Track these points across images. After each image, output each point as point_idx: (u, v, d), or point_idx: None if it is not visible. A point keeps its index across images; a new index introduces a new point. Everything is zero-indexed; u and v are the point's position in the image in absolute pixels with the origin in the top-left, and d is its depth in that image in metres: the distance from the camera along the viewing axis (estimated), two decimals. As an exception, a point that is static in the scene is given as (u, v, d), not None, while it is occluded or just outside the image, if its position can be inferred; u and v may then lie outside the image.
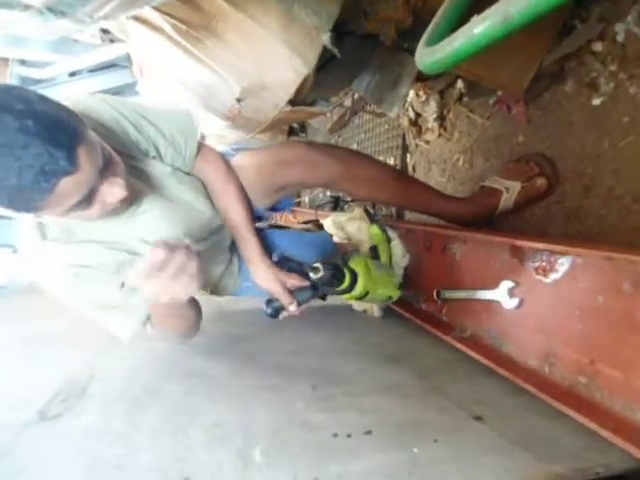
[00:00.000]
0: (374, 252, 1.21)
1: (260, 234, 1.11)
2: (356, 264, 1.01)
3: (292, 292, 1.00)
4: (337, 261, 0.99)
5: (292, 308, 0.98)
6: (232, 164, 1.10)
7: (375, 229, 1.28)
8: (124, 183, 0.80)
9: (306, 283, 1.00)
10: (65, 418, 0.77)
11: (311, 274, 0.93)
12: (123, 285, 0.91)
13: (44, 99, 0.71)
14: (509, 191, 1.17)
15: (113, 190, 0.79)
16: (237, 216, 1.06)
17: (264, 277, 1.03)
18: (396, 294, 1.13)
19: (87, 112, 0.86)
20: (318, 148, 1.12)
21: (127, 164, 0.86)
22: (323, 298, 1.06)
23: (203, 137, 1.04)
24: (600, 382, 0.68)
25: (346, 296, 1.01)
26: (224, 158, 1.08)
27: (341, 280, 0.97)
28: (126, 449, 0.69)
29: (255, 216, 1.17)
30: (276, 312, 1.00)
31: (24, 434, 0.72)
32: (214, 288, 1.17)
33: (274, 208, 1.24)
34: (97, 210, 0.80)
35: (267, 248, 1.08)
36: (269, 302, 1.01)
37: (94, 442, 0.71)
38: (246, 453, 0.67)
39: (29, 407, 0.80)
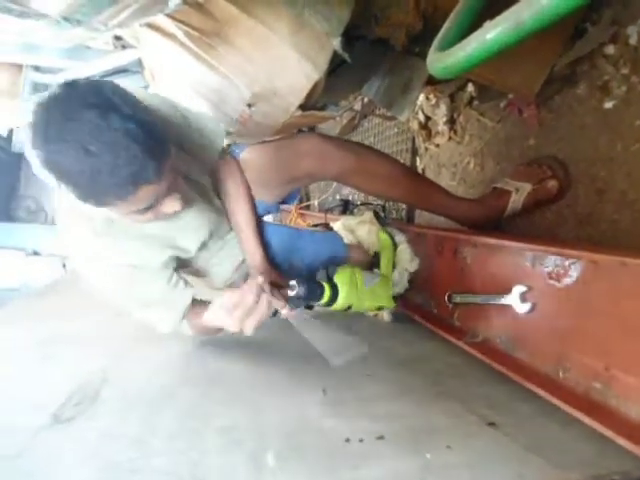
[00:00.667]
0: (375, 259, 1.22)
1: (263, 231, 1.15)
2: (341, 278, 1.03)
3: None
4: (321, 275, 1.03)
5: (284, 312, 1.00)
6: (241, 158, 1.11)
7: (382, 234, 1.28)
8: (182, 197, 0.86)
9: (292, 282, 1.01)
10: (79, 421, 0.78)
11: (288, 291, 0.97)
12: (171, 280, 1.00)
13: (144, 107, 0.76)
14: (518, 192, 1.16)
15: (173, 203, 0.84)
16: (245, 220, 1.10)
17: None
18: (389, 305, 1.15)
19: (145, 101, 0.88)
20: (331, 140, 1.13)
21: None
22: (310, 308, 1.07)
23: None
24: (615, 388, 0.67)
25: (331, 307, 1.04)
26: (238, 162, 1.10)
27: (320, 295, 1.00)
28: (140, 453, 0.69)
29: (264, 212, 1.18)
30: (274, 312, 1.03)
31: (38, 437, 0.73)
32: (231, 285, 1.20)
33: (282, 202, 1.25)
34: (150, 217, 0.85)
35: (273, 244, 1.15)
36: None
37: (108, 445, 0.72)
38: (259, 457, 0.68)
39: (43, 410, 0.80)
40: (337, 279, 1.03)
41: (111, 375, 0.96)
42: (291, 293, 0.97)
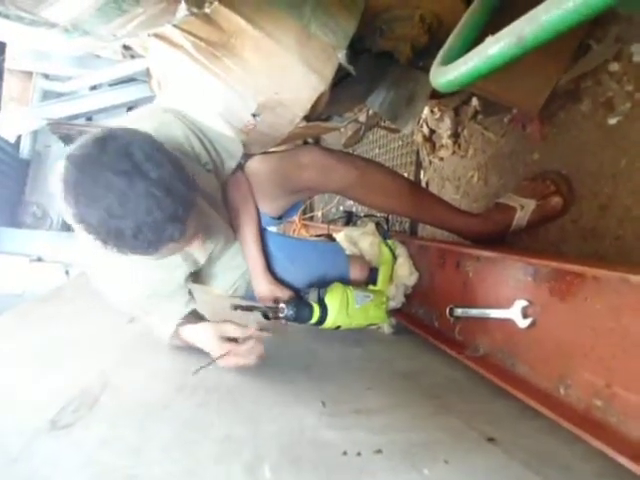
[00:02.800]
0: (373, 275, 1.23)
1: (266, 241, 1.18)
2: (332, 298, 1.06)
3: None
4: (312, 295, 1.06)
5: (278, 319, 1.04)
6: (246, 170, 1.13)
7: (383, 247, 1.28)
8: (202, 236, 0.90)
9: (281, 305, 1.05)
10: (77, 428, 0.78)
11: (278, 313, 1.01)
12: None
13: (175, 165, 0.77)
14: (523, 209, 1.16)
15: (195, 243, 0.89)
16: (249, 233, 1.12)
17: (262, 290, 1.12)
18: (382, 322, 1.17)
19: (160, 128, 0.92)
20: (334, 153, 1.14)
21: None
22: (295, 322, 1.08)
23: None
24: (616, 406, 0.67)
25: (320, 327, 1.07)
26: (246, 177, 1.12)
27: (310, 316, 1.04)
28: (136, 461, 0.69)
29: (266, 224, 1.19)
30: (266, 316, 1.07)
31: (35, 442, 0.73)
32: (234, 292, 1.24)
33: (284, 214, 1.25)
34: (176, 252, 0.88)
35: (275, 254, 1.17)
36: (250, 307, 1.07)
37: (105, 453, 0.71)
38: (255, 468, 0.67)
39: (41, 415, 0.80)
40: (328, 299, 1.06)
41: (110, 382, 0.95)
42: (280, 315, 1.01)
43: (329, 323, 1.06)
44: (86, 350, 1.16)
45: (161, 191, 0.73)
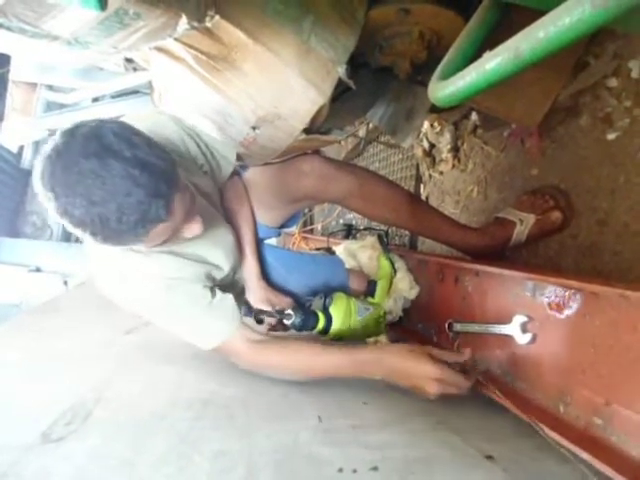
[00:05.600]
0: (372, 287, 1.23)
1: (263, 252, 1.17)
2: (337, 308, 1.06)
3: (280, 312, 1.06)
4: (317, 303, 1.07)
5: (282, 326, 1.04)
6: (245, 179, 1.13)
7: (383, 260, 1.28)
8: (202, 220, 0.85)
9: (288, 311, 1.04)
10: (69, 441, 0.76)
11: (284, 320, 1.01)
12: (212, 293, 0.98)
13: (149, 143, 0.75)
14: (523, 223, 1.16)
15: (192, 227, 0.84)
16: (245, 236, 1.11)
17: (257, 297, 1.10)
18: (377, 335, 1.17)
19: (154, 128, 0.91)
20: (334, 162, 1.14)
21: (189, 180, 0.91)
22: (300, 330, 1.07)
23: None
24: (616, 424, 0.66)
25: (323, 337, 1.07)
26: (243, 181, 1.11)
27: (315, 324, 1.04)
28: (129, 475, 0.68)
29: (265, 235, 1.19)
30: (260, 321, 1.07)
31: (26, 456, 0.72)
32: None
33: (283, 225, 1.25)
34: (171, 240, 0.85)
35: (272, 264, 1.16)
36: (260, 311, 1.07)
37: (96, 467, 0.70)
38: (249, 485, 0.66)
39: (33, 428, 0.79)
40: (333, 309, 1.06)
41: (104, 395, 0.94)
42: (287, 321, 1.00)
43: (333, 332, 1.05)
44: (81, 362, 1.15)
45: (137, 169, 0.70)
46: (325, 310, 1.05)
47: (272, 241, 1.30)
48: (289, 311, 1.00)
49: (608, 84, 1.04)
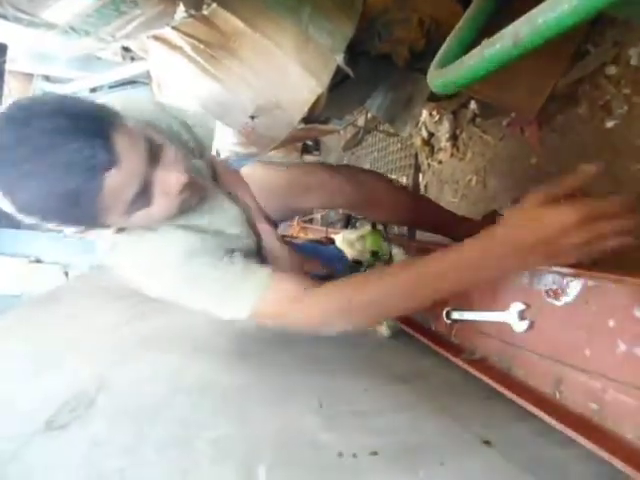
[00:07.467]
0: (375, 256, 1.23)
1: None
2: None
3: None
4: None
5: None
6: (249, 173, 1.11)
7: (375, 237, 1.29)
8: (182, 168, 0.75)
9: (322, 271, 1.03)
10: (72, 429, 0.77)
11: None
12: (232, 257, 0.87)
13: (69, 97, 0.70)
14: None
15: (170, 176, 0.73)
16: (253, 208, 1.04)
17: (287, 264, 1.02)
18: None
19: (127, 103, 0.84)
20: (340, 173, 1.10)
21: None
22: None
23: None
24: (612, 409, 0.66)
25: None
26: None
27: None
28: (131, 461, 0.69)
29: None
30: None
31: (30, 443, 0.73)
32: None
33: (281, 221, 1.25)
34: (164, 204, 0.76)
35: None
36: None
37: (99, 454, 0.71)
38: (251, 469, 0.67)
39: (37, 417, 0.80)
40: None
41: (107, 383, 0.95)
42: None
43: None
44: (83, 351, 1.16)
45: (64, 118, 0.63)
46: None
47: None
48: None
49: (607, 72, 1.04)
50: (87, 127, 0.64)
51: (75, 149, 0.62)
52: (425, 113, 1.70)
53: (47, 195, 0.64)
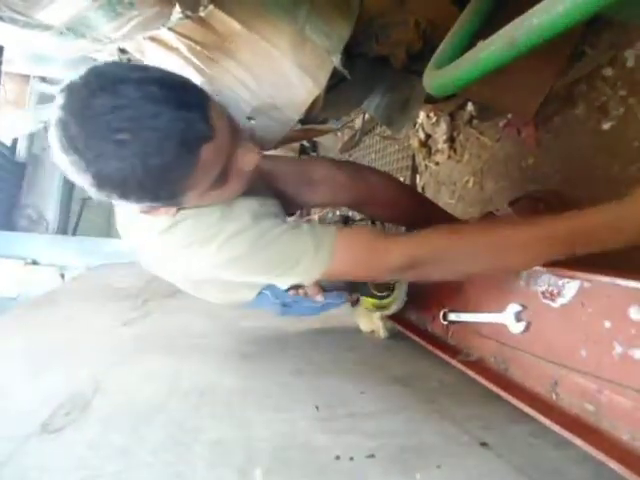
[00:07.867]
0: None
1: None
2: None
3: None
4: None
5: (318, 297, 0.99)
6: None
7: None
8: (255, 147, 0.74)
9: None
10: (67, 431, 0.77)
11: None
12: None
13: (155, 67, 0.68)
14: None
15: (249, 155, 0.73)
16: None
17: None
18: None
19: None
20: (344, 169, 1.10)
21: None
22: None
23: None
24: (608, 410, 0.66)
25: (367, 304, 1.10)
26: None
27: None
28: (127, 464, 0.69)
29: None
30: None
31: (25, 446, 0.72)
32: None
33: None
34: (237, 183, 0.74)
35: None
36: None
37: (95, 456, 0.71)
38: (247, 472, 0.67)
39: (32, 419, 0.80)
40: None
41: (103, 385, 0.95)
42: None
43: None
44: (79, 353, 1.15)
45: (154, 85, 0.60)
46: None
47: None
48: None
49: (604, 73, 1.05)
50: (185, 98, 0.62)
51: (170, 117, 0.60)
52: (422, 115, 1.71)
53: (140, 166, 0.61)
